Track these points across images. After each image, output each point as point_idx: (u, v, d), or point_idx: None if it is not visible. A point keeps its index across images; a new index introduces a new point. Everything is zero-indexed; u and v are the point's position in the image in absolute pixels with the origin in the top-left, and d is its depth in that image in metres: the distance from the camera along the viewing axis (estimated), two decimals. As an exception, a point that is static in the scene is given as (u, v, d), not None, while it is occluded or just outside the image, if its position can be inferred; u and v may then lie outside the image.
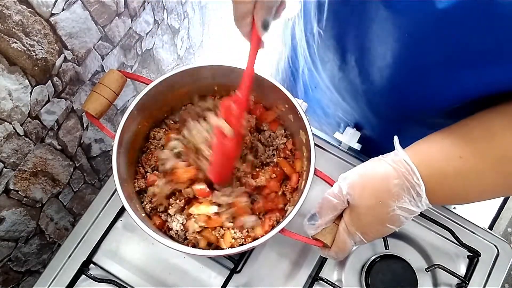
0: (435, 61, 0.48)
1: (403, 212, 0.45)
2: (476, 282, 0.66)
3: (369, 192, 0.46)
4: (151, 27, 0.88)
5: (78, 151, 0.77)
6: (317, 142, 0.73)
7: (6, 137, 0.57)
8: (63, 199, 0.78)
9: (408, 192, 0.44)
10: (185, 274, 0.66)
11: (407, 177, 0.44)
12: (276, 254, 0.67)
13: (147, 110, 0.61)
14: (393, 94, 0.60)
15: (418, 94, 0.56)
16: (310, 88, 0.84)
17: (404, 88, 0.56)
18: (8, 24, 0.50)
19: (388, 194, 0.45)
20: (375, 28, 0.51)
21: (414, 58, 0.50)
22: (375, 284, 0.62)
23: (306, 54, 0.76)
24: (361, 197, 0.47)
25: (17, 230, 0.68)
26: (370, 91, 0.63)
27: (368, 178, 0.47)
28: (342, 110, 0.78)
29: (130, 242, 0.67)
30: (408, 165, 0.44)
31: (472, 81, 0.46)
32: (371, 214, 0.47)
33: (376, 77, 0.59)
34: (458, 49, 0.44)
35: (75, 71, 0.66)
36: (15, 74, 0.54)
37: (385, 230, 0.48)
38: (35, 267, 0.79)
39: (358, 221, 0.48)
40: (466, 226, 0.70)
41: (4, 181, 0.60)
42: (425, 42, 0.47)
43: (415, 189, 0.44)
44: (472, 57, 0.44)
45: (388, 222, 0.46)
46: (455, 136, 0.45)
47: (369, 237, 0.49)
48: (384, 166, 0.46)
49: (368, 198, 0.46)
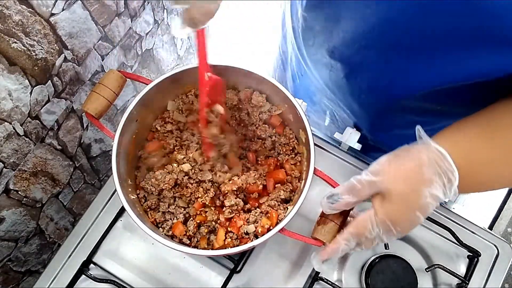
0: (413, 46, 0.48)
1: (432, 200, 0.44)
2: (476, 282, 0.66)
3: (401, 178, 0.45)
4: (151, 27, 0.88)
5: (78, 151, 0.77)
6: (317, 142, 0.73)
7: (6, 137, 0.57)
8: (63, 199, 0.78)
9: (440, 178, 0.44)
10: (185, 274, 0.66)
11: (439, 163, 0.44)
12: (276, 254, 0.67)
13: (147, 110, 0.61)
14: (373, 80, 0.60)
15: (397, 79, 0.56)
16: (297, 76, 0.84)
17: (384, 73, 0.57)
18: (8, 24, 0.50)
19: (421, 180, 0.44)
20: (352, 12, 0.52)
21: (392, 45, 0.51)
22: (375, 284, 0.62)
23: (293, 40, 0.76)
24: (393, 183, 0.45)
25: (17, 230, 0.68)
26: (351, 77, 0.63)
27: (399, 164, 0.46)
28: (327, 98, 0.78)
29: (130, 242, 0.67)
30: (439, 151, 0.44)
31: (451, 66, 0.46)
32: (403, 202, 0.45)
33: (356, 62, 0.59)
34: (437, 35, 0.45)
35: (75, 71, 0.66)
36: (15, 74, 0.54)
37: (414, 219, 0.46)
38: (35, 267, 0.79)
39: (389, 208, 0.46)
40: (466, 226, 0.70)
41: (4, 181, 0.60)
42: (404, 28, 0.47)
43: (447, 175, 0.44)
44: (451, 43, 0.44)
45: (419, 209, 0.45)
46: (485, 125, 0.45)
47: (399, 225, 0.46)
48: (415, 153, 0.45)
49: (400, 184, 0.45)
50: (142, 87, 0.58)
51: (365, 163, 0.73)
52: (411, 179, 0.45)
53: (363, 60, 0.58)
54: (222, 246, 0.57)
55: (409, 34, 0.47)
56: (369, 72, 0.59)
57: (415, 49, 0.49)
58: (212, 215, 0.58)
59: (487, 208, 1.54)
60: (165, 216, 0.60)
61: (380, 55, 0.55)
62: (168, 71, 0.59)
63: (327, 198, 0.50)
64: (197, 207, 0.58)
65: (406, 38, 0.48)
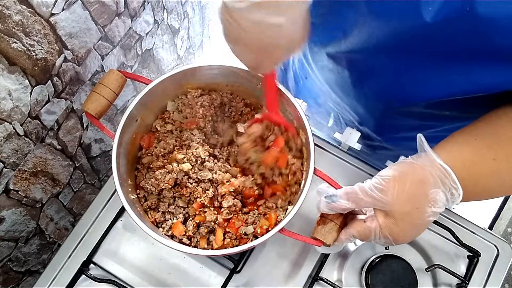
0: (419, 60, 0.49)
1: (434, 216, 0.45)
2: (476, 282, 0.66)
3: (405, 198, 0.45)
4: (151, 27, 0.88)
5: (78, 151, 0.77)
6: (317, 142, 0.73)
7: (6, 137, 0.57)
8: (63, 199, 0.78)
9: (444, 196, 0.44)
10: (185, 274, 0.66)
11: (444, 180, 0.44)
12: (276, 254, 0.67)
13: (147, 110, 0.61)
14: (381, 87, 0.60)
15: (403, 89, 0.56)
16: (300, 78, 0.84)
17: (393, 81, 0.57)
18: (8, 24, 0.50)
19: (425, 200, 0.44)
20: (359, 23, 0.52)
21: (398, 57, 0.51)
22: (375, 284, 0.62)
23: None
24: (397, 204, 0.46)
25: (17, 230, 0.68)
26: (358, 83, 0.63)
27: (404, 184, 0.46)
28: (332, 101, 0.78)
29: (130, 242, 0.67)
30: (443, 168, 0.44)
31: (456, 79, 0.47)
32: (406, 220, 0.46)
33: (362, 70, 0.59)
34: (442, 51, 0.45)
35: (75, 71, 0.66)
36: (15, 74, 0.54)
37: (416, 235, 0.48)
38: (35, 267, 0.79)
39: (392, 226, 0.47)
40: (466, 226, 0.70)
41: (4, 181, 0.61)
42: (410, 45, 0.47)
43: (452, 192, 0.44)
44: (455, 58, 0.45)
45: (421, 226, 0.46)
46: (488, 137, 0.45)
47: (399, 241, 0.48)
48: (419, 170, 0.45)
49: (404, 204, 0.45)
50: (142, 87, 0.58)
51: (365, 163, 0.73)
52: (416, 200, 0.45)
53: (371, 68, 0.58)
54: (221, 246, 0.57)
55: (421, 43, 0.47)
56: (377, 79, 0.59)
57: (425, 59, 0.49)
58: (211, 216, 0.58)
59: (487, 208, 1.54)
60: (165, 216, 0.60)
61: (389, 64, 0.54)
62: (168, 71, 0.59)
63: (325, 198, 0.50)
64: (196, 207, 0.58)
65: (417, 48, 0.48)
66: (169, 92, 0.63)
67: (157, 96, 0.60)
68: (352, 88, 0.66)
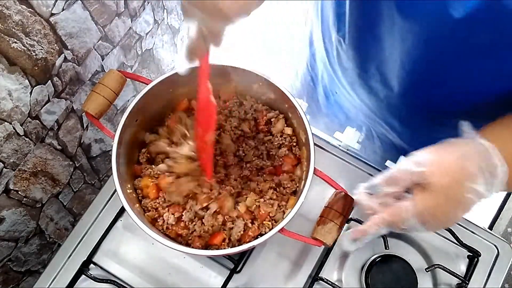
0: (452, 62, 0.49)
1: (474, 196, 0.44)
2: (476, 282, 0.66)
3: (445, 171, 0.44)
4: (151, 27, 0.88)
5: (78, 151, 0.77)
6: (317, 142, 0.73)
7: (6, 137, 0.57)
8: (63, 199, 0.78)
9: (483, 173, 0.43)
10: (185, 274, 0.66)
11: (484, 157, 0.43)
12: (276, 254, 0.67)
13: (147, 110, 0.61)
14: (414, 98, 0.60)
15: (438, 96, 0.56)
16: (331, 93, 0.85)
17: (425, 91, 0.57)
18: (8, 24, 0.50)
19: (464, 174, 0.43)
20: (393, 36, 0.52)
21: (432, 62, 0.51)
22: (375, 284, 0.62)
23: (325, 60, 0.76)
24: (436, 175, 0.44)
25: (17, 230, 0.68)
26: (391, 96, 0.64)
27: (443, 156, 0.45)
28: (364, 114, 0.78)
29: (130, 242, 0.67)
30: (485, 146, 0.43)
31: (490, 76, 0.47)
32: (444, 194, 0.44)
33: (396, 83, 0.59)
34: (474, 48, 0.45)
35: (75, 71, 0.66)
36: (15, 74, 0.54)
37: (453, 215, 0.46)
38: (35, 267, 0.79)
39: (429, 200, 0.45)
40: (466, 226, 0.70)
41: (4, 181, 0.60)
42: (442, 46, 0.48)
43: (491, 170, 0.43)
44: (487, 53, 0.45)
45: (460, 205, 0.44)
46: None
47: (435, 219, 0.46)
48: (460, 146, 0.45)
49: (443, 177, 0.44)
50: (142, 87, 0.58)
51: (365, 163, 0.73)
52: (454, 173, 0.44)
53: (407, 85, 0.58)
54: (221, 246, 0.57)
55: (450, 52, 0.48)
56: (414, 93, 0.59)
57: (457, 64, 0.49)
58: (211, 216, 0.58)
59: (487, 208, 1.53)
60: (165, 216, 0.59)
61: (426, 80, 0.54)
62: (168, 71, 0.59)
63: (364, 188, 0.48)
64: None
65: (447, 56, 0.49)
66: (169, 92, 0.63)
67: (157, 96, 0.60)
68: (386, 103, 0.66)
